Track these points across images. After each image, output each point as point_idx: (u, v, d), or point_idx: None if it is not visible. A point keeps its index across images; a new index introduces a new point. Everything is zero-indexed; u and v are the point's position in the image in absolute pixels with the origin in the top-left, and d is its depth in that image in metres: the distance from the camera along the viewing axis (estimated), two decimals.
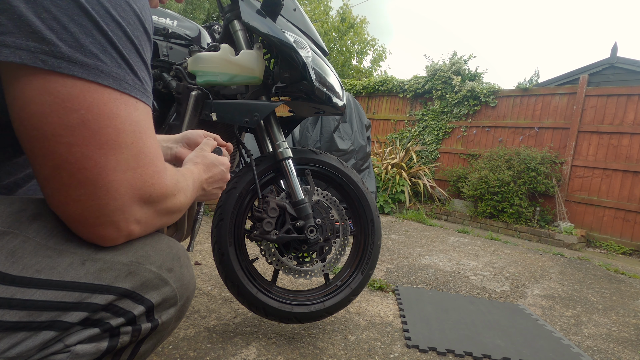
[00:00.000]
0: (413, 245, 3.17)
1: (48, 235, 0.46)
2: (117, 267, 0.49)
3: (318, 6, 15.77)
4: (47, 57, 0.38)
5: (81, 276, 0.46)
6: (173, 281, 0.55)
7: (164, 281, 0.53)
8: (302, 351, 1.26)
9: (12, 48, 0.36)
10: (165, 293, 0.54)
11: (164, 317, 0.55)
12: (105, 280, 0.47)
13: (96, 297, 0.47)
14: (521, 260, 3.03)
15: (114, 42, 0.42)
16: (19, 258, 0.43)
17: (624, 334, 1.76)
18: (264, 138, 1.29)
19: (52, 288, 0.44)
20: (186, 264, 0.59)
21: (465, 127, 5.66)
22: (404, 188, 5.10)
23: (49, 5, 0.37)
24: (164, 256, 0.54)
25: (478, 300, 1.97)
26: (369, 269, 1.38)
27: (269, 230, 1.15)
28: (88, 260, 0.47)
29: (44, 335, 0.44)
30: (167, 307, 0.55)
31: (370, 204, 1.38)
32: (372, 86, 6.79)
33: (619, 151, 4.34)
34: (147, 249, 0.53)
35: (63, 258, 0.46)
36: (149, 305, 0.52)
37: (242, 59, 1.08)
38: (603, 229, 4.41)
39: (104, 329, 0.48)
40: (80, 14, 0.39)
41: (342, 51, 15.34)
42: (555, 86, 5.81)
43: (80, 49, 0.39)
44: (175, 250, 0.57)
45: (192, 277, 0.60)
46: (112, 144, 0.43)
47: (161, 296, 0.53)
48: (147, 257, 0.52)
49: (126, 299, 0.49)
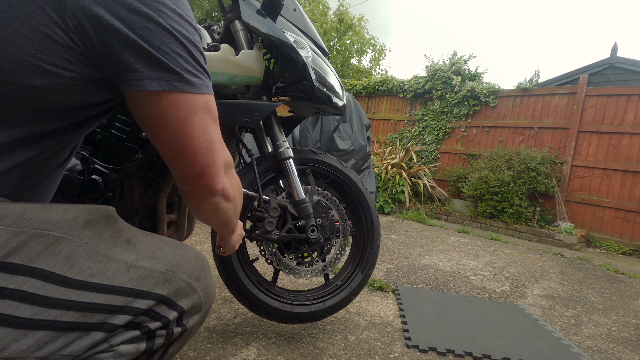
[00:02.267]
0: (413, 245, 3.17)
1: (98, 241, 0.51)
2: (155, 275, 0.54)
3: (317, 6, 15.78)
4: (175, 81, 0.52)
5: (126, 281, 0.51)
6: (200, 289, 0.60)
7: (193, 289, 0.59)
8: (302, 351, 1.26)
9: (156, 80, 0.51)
10: (194, 300, 0.59)
11: (190, 323, 0.60)
12: (146, 287, 0.53)
13: (139, 301, 0.52)
14: (521, 260, 3.03)
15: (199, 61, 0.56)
16: (75, 262, 0.48)
17: (624, 334, 1.76)
18: (264, 138, 1.29)
19: (103, 291, 0.49)
20: (209, 274, 0.65)
21: (465, 127, 5.66)
22: (404, 188, 5.10)
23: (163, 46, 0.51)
24: (193, 266, 0.60)
25: (478, 300, 1.97)
26: (369, 269, 1.38)
27: (270, 229, 1.15)
28: (131, 267, 0.52)
29: (94, 336, 0.48)
30: (194, 313, 0.60)
31: (370, 204, 1.38)
32: (372, 86, 6.79)
33: (619, 151, 4.34)
34: (179, 259, 0.59)
35: (111, 264, 0.51)
36: (180, 311, 0.57)
37: (242, 59, 1.08)
38: (603, 229, 4.41)
39: (143, 331, 0.53)
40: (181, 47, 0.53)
41: (341, 50, 15.35)
42: (555, 86, 5.82)
43: (188, 72, 0.53)
44: (201, 261, 0.63)
45: (214, 286, 0.66)
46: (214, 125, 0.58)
47: (190, 303, 0.58)
48: (179, 267, 0.58)
49: (162, 305, 0.55)
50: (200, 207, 0.62)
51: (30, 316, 0.44)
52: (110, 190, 0.96)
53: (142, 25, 0.49)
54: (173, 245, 0.61)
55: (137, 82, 0.50)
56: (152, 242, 0.58)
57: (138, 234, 0.58)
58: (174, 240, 0.64)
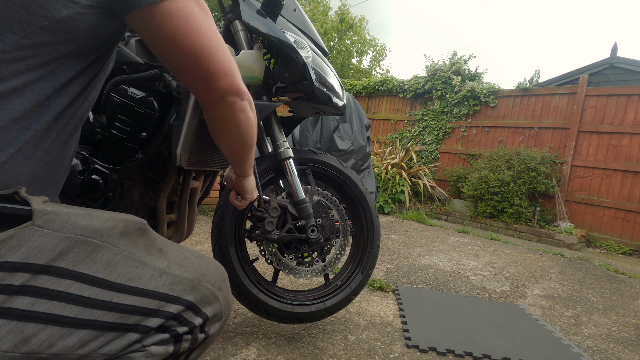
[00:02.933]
0: (413, 245, 3.17)
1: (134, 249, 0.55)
2: (184, 282, 0.58)
3: (317, 6, 15.77)
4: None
5: (160, 286, 0.55)
6: (222, 299, 0.63)
7: (216, 298, 0.62)
8: (302, 351, 1.26)
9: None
10: (216, 309, 0.62)
11: (212, 330, 0.62)
12: (176, 292, 0.56)
13: (170, 306, 0.55)
14: (521, 260, 3.03)
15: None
16: (115, 267, 0.52)
17: (624, 334, 1.76)
18: (264, 138, 1.29)
19: (140, 295, 0.53)
20: (229, 285, 0.68)
21: (465, 127, 5.67)
22: (404, 188, 5.10)
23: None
24: (215, 276, 0.64)
25: (478, 300, 1.97)
26: (369, 269, 1.38)
27: (270, 229, 1.15)
28: (164, 273, 0.56)
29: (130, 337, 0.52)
30: (215, 322, 0.63)
31: (370, 204, 1.38)
32: (372, 86, 6.79)
33: (619, 151, 4.35)
34: (203, 268, 0.62)
35: (147, 270, 0.55)
36: (205, 317, 0.60)
37: (242, 59, 1.08)
38: (603, 229, 4.41)
39: (172, 334, 0.56)
40: None
41: (342, 51, 15.35)
42: (555, 86, 5.82)
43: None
44: (222, 272, 0.67)
45: (232, 297, 0.69)
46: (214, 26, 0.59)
47: (213, 311, 0.61)
48: (204, 276, 0.61)
49: (189, 311, 0.58)
50: (231, 115, 0.66)
51: (75, 316, 0.48)
52: (111, 190, 0.96)
53: None
54: (197, 256, 0.64)
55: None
56: (180, 251, 0.62)
57: (167, 244, 0.61)
58: (197, 251, 0.67)
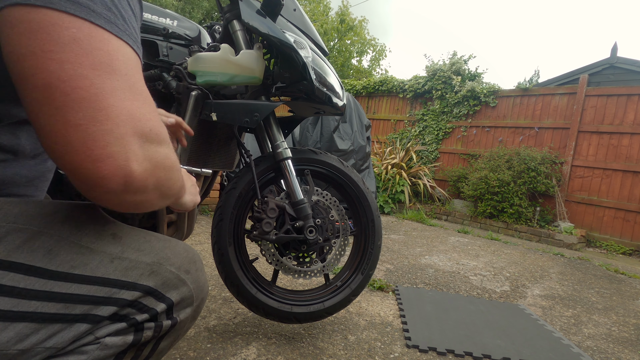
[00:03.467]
0: (413, 245, 3.16)
1: (80, 235, 0.50)
2: (141, 266, 0.53)
3: (318, 6, 15.77)
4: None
5: (110, 272, 0.50)
6: (190, 282, 0.59)
7: (182, 281, 0.58)
8: (302, 351, 1.26)
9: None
10: (184, 293, 0.58)
11: (182, 316, 0.59)
12: (131, 278, 0.52)
13: (124, 292, 0.51)
14: (521, 260, 3.03)
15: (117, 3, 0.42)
16: (56, 255, 0.47)
17: (624, 334, 1.76)
18: (265, 138, 1.29)
19: (85, 282, 0.48)
20: (201, 267, 0.64)
21: (465, 127, 5.66)
22: (404, 188, 5.10)
23: None
24: (182, 259, 0.59)
25: (478, 300, 1.96)
26: (369, 269, 1.38)
27: (268, 230, 1.15)
28: (116, 259, 0.52)
29: (77, 328, 0.47)
30: (185, 307, 0.59)
31: (371, 204, 1.38)
32: (372, 86, 6.79)
33: (619, 151, 4.34)
34: (167, 251, 0.58)
35: (94, 256, 0.50)
36: (169, 303, 0.56)
37: (242, 59, 1.08)
38: (603, 229, 4.41)
39: (130, 323, 0.52)
40: None
41: (342, 51, 15.34)
42: (555, 86, 5.81)
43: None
44: (191, 254, 0.62)
45: (206, 280, 0.65)
46: (107, 68, 0.39)
47: (180, 295, 0.57)
48: (167, 259, 0.57)
49: (149, 297, 0.53)
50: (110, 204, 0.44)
51: (10, 308, 0.43)
52: None
53: None
54: (162, 239, 0.59)
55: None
56: (139, 235, 0.57)
57: (125, 229, 0.56)
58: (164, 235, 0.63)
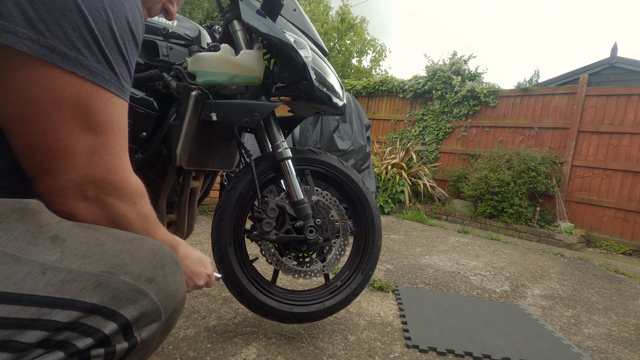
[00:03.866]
0: (413, 245, 3.17)
1: (7, 239, 0.41)
2: (83, 278, 0.43)
3: (318, 6, 15.77)
4: (32, 44, 0.40)
5: (40, 288, 0.41)
6: (154, 293, 0.49)
7: (142, 293, 0.48)
8: (302, 351, 1.26)
9: (2, 31, 0.39)
10: (144, 307, 0.48)
11: (144, 334, 0.49)
12: (68, 294, 0.42)
13: (57, 313, 0.41)
14: (521, 260, 3.03)
15: (98, 39, 0.45)
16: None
17: (624, 334, 1.76)
18: (265, 138, 1.29)
19: (4, 302, 0.39)
20: (173, 271, 0.53)
21: (465, 127, 5.66)
22: (404, 188, 5.10)
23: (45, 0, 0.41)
24: (144, 264, 0.49)
25: (478, 300, 1.96)
26: (369, 269, 1.38)
27: (268, 230, 1.15)
28: (50, 269, 0.42)
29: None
30: (148, 323, 0.49)
31: (371, 204, 1.38)
32: (372, 86, 6.79)
33: (619, 151, 4.34)
34: (123, 256, 0.48)
35: (21, 266, 0.41)
36: (123, 321, 0.46)
37: (242, 59, 1.08)
38: (603, 229, 4.41)
39: (69, 352, 0.42)
40: (73, 10, 0.42)
41: (342, 51, 15.34)
42: (555, 86, 5.82)
43: (65, 41, 0.42)
44: (159, 257, 0.51)
45: (180, 286, 0.54)
46: (83, 131, 0.46)
47: (138, 310, 0.47)
48: (121, 267, 0.47)
49: (95, 315, 0.44)
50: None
51: None
52: None
53: None
54: (121, 241, 0.49)
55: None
56: (91, 237, 0.47)
57: (73, 230, 0.47)
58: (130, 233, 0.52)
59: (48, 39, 0.41)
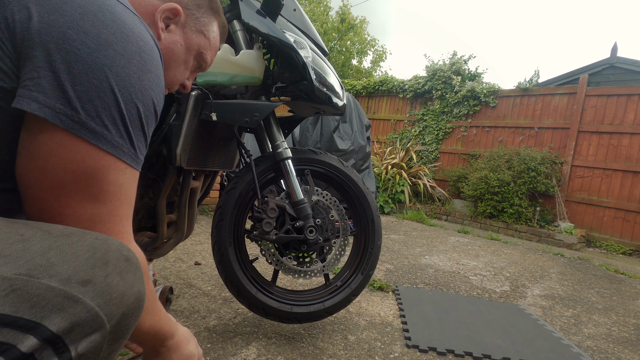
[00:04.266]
0: (413, 245, 3.17)
1: None
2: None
3: (318, 6, 15.77)
4: (66, 118, 0.45)
5: None
6: (90, 297, 0.41)
7: (72, 299, 0.40)
8: (302, 351, 1.26)
9: (41, 105, 0.44)
10: (76, 315, 0.40)
11: (81, 348, 0.41)
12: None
13: None
14: (521, 260, 3.03)
15: (125, 119, 0.50)
16: None
17: (624, 334, 1.76)
18: (265, 138, 1.29)
19: None
20: (119, 269, 0.45)
21: (465, 127, 5.67)
22: (404, 188, 5.10)
23: (84, 81, 0.45)
24: (78, 263, 0.42)
25: (478, 300, 1.96)
26: (369, 269, 1.38)
27: (268, 230, 1.15)
28: None
29: None
30: (87, 334, 0.41)
31: (371, 203, 1.38)
32: (372, 86, 6.79)
33: (619, 151, 4.35)
34: (50, 255, 0.40)
35: None
36: (46, 334, 0.38)
37: (242, 59, 1.08)
38: (603, 229, 4.41)
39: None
40: (107, 92, 0.47)
41: (342, 51, 15.34)
42: (555, 86, 5.82)
43: (95, 118, 0.47)
44: (101, 254, 0.44)
45: (131, 285, 0.46)
46: (93, 200, 0.49)
47: (68, 320, 0.39)
48: (46, 267, 0.39)
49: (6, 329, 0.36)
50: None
51: None
52: None
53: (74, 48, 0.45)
54: (54, 235, 0.42)
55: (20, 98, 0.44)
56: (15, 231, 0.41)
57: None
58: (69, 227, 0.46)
59: (80, 116, 0.45)
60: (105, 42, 0.46)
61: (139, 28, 0.51)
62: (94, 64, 0.46)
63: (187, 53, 0.73)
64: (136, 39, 0.50)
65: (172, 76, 0.73)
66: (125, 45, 0.48)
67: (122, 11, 0.50)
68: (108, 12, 0.48)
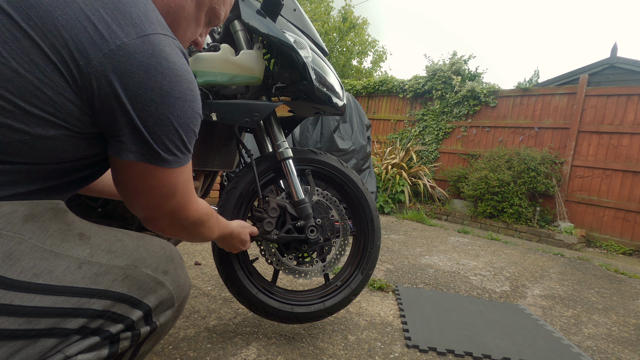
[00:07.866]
0: (413, 245, 3.17)
1: (44, 236, 0.46)
2: (113, 271, 0.50)
3: (319, 6, 15.76)
4: (142, 156, 0.54)
5: (78, 280, 0.47)
6: (169, 283, 0.57)
7: (160, 284, 0.55)
8: (302, 351, 1.26)
9: (134, 153, 0.54)
10: (162, 296, 0.56)
11: (162, 319, 0.57)
12: (102, 285, 0.49)
13: (94, 302, 0.47)
14: (521, 260, 3.03)
15: (186, 142, 0.59)
16: (16, 260, 0.42)
17: (624, 334, 1.76)
18: (264, 138, 1.29)
19: (50, 293, 0.44)
20: (180, 264, 0.61)
21: (465, 127, 5.66)
22: (404, 188, 5.10)
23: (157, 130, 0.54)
24: (159, 258, 0.57)
25: (478, 300, 1.96)
26: (369, 269, 1.38)
27: (269, 230, 1.15)
28: (84, 263, 0.48)
29: (43, 343, 0.43)
30: (165, 309, 0.57)
31: (370, 204, 1.38)
32: (372, 86, 6.79)
33: (619, 151, 4.34)
34: (141, 251, 0.55)
35: (60, 261, 0.46)
36: (146, 309, 0.53)
37: (242, 59, 1.08)
38: (603, 229, 4.41)
39: (104, 336, 0.49)
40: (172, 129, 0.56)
41: (343, 52, 15.34)
42: (555, 86, 5.81)
43: (165, 150, 0.56)
44: (169, 252, 0.59)
45: (187, 277, 0.63)
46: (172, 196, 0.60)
47: (158, 299, 0.55)
48: (142, 260, 0.54)
49: (123, 304, 0.50)
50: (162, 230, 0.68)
51: None
52: None
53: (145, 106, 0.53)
54: (135, 237, 0.57)
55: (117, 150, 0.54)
56: (109, 235, 0.54)
57: (93, 227, 0.54)
58: (137, 232, 0.60)
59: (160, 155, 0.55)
60: (167, 93, 0.54)
61: (181, 63, 0.57)
62: (162, 115, 0.54)
63: (197, 9, 0.70)
64: (184, 76, 0.57)
65: (182, 35, 0.71)
66: (179, 88, 0.56)
67: (169, 52, 0.55)
68: (163, 59, 0.53)
